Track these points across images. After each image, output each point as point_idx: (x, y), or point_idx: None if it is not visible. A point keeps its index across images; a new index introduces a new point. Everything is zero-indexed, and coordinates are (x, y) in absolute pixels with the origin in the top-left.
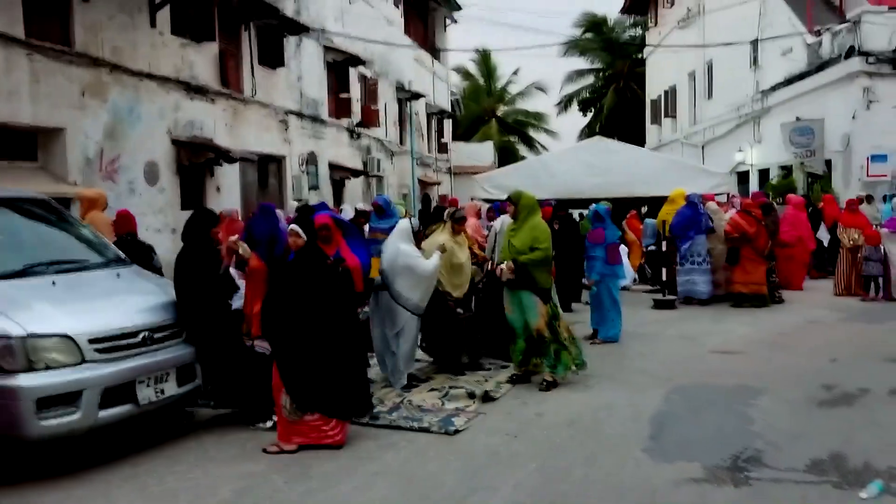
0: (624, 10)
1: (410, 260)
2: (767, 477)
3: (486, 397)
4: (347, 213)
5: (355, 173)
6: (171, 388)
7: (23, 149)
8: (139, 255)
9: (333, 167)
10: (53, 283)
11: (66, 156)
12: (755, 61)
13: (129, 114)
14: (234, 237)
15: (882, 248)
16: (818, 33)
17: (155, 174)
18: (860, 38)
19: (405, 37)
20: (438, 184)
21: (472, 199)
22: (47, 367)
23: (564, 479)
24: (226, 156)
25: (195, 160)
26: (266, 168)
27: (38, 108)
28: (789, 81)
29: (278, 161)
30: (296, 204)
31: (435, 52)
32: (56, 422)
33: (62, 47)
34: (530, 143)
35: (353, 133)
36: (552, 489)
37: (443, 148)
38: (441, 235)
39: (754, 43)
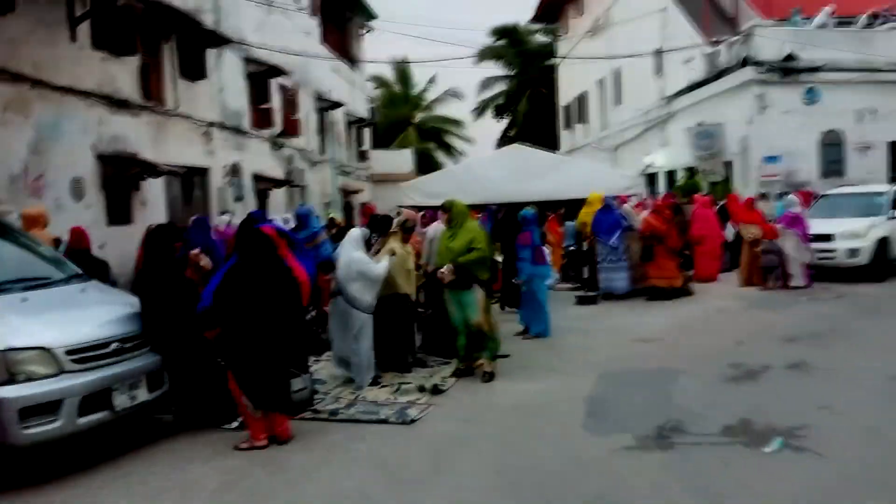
0: (534, 20)
1: (363, 266)
2: (688, 442)
3: (436, 390)
4: (277, 223)
5: (279, 183)
6: (142, 395)
7: None
8: (95, 270)
9: (257, 178)
10: (24, 298)
11: None
12: (659, 70)
13: (53, 129)
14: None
15: (778, 241)
16: (715, 44)
17: (81, 190)
18: (752, 49)
19: (323, 46)
20: (360, 191)
21: (398, 207)
22: (28, 379)
23: (518, 454)
24: (151, 169)
25: (121, 175)
26: (191, 181)
27: None
28: (691, 88)
29: (202, 173)
30: (226, 218)
31: (352, 61)
32: (38, 430)
33: None
34: (448, 149)
35: (275, 143)
36: (508, 462)
37: (363, 156)
38: (394, 244)
39: (658, 52)
